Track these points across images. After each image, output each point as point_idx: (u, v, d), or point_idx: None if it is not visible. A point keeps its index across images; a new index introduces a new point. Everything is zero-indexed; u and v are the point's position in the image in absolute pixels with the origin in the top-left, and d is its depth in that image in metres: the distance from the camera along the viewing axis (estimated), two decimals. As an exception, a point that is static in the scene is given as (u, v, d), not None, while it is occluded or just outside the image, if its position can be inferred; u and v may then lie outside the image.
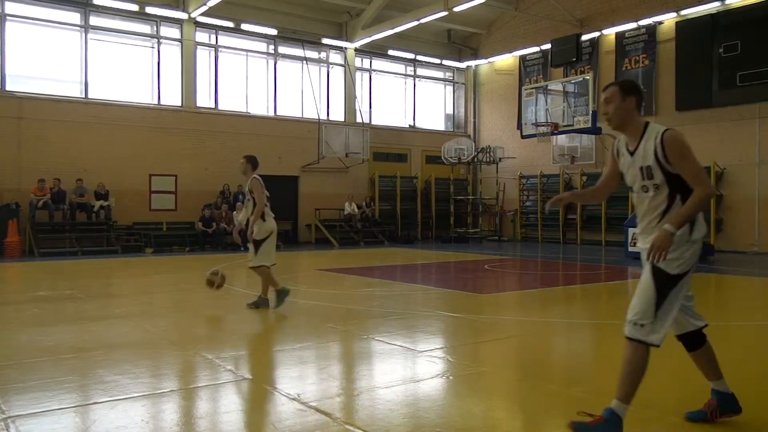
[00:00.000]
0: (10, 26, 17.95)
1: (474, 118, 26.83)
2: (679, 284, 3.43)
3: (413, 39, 24.62)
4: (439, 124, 27.09)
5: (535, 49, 23.56)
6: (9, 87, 17.87)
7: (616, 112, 3.63)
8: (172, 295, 10.02)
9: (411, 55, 25.44)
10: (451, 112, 27.41)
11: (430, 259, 16.50)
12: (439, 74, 27.00)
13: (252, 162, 8.13)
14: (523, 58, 24.30)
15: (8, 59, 17.90)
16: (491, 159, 23.36)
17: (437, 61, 26.26)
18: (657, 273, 3.43)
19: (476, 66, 26.64)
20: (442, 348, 6.22)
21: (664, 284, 3.41)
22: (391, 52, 24.77)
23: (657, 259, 3.34)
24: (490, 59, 25.73)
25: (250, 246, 7.99)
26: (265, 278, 8.00)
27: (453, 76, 27.20)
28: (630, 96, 3.61)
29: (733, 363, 4.33)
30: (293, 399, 4.27)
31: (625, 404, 3.41)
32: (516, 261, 16.02)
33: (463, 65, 26.78)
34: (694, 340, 3.68)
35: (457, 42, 26.32)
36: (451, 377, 4.98)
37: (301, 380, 4.91)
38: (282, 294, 7.92)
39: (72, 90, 18.89)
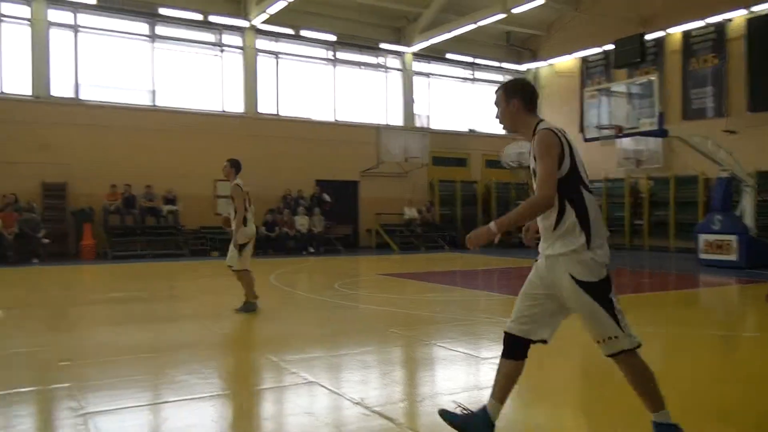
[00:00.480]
0: (82, 37, 18.79)
1: (535, 121, 26.39)
2: (611, 284, 3.23)
3: (471, 42, 24.46)
4: (499, 128, 26.64)
5: (597, 50, 23.03)
6: (82, 96, 18.70)
7: (504, 115, 3.53)
8: (237, 297, 10.22)
9: (469, 59, 25.29)
10: (511, 116, 27.03)
11: (491, 264, 16.33)
12: (499, 77, 26.69)
13: (236, 166, 8.15)
14: (584, 60, 23.80)
15: (81, 69, 18.74)
16: (553, 163, 22.91)
17: (496, 63, 26.01)
18: (588, 288, 3.20)
19: (536, 68, 26.25)
20: (505, 355, 6.12)
21: (600, 292, 3.21)
22: (449, 56, 24.68)
23: (470, 247, 3.21)
24: (550, 61, 25.31)
25: (231, 248, 7.99)
26: (245, 282, 8.02)
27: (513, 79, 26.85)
28: (514, 98, 3.47)
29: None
30: (357, 403, 4.30)
31: (661, 411, 3.27)
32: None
33: (522, 68, 26.43)
34: (517, 348, 3.46)
35: (516, 44, 26.01)
36: (516, 385, 4.90)
37: (365, 385, 4.93)
38: (250, 306, 7.96)
39: (141, 98, 19.61)
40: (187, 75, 20.35)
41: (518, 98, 3.46)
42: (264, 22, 20.59)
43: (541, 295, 3.39)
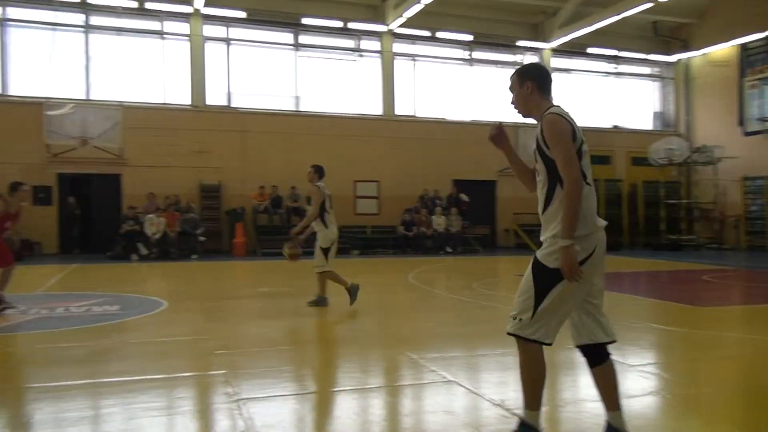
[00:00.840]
0: (233, 50, 20.15)
1: (686, 115, 24.71)
2: (559, 280, 3.10)
3: (615, 34, 23.30)
4: (645, 123, 25.35)
5: (759, 35, 21.05)
6: (234, 104, 20.03)
7: (517, 100, 3.41)
8: (377, 295, 10.47)
9: (613, 52, 24.12)
10: (659, 110, 25.50)
11: (638, 267, 15.48)
12: (645, 70, 25.27)
13: (319, 172, 8.46)
14: (743, 47, 21.86)
15: (233, 79, 20.08)
16: (708, 159, 21.31)
17: (642, 56, 24.60)
18: (536, 266, 3.20)
19: (687, 59, 24.51)
20: (655, 363, 5.80)
21: (545, 278, 3.15)
22: (590, 50, 23.70)
23: (574, 279, 3.09)
24: (704, 50, 23.50)
25: (317, 251, 8.32)
26: (333, 279, 8.30)
27: (660, 71, 25.29)
28: (527, 81, 3.35)
29: None
30: (497, 405, 4.25)
31: (532, 410, 3.24)
32: (741, 272, 14.37)
33: (672, 58, 24.78)
34: (593, 354, 3.36)
35: (665, 34, 24.42)
36: (667, 395, 4.62)
37: (504, 386, 4.86)
38: (353, 290, 8.28)
39: (286, 104, 20.68)
40: (328, 80, 21.15)
41: (532, 81, 3.35)
42: (401, 26, 20.93)
43: None
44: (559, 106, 3.29)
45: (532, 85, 3.35)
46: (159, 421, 3.98)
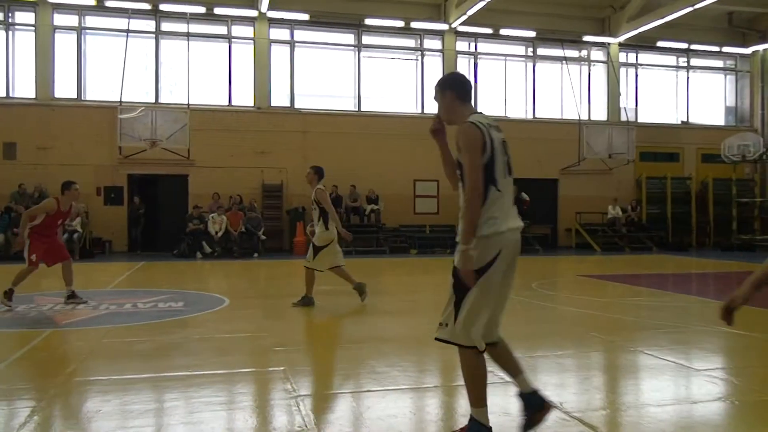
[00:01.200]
0: (297, 51, 20.47)
1: (762, 110, 23.59)
2: (481, 281, 3.23)
3: (686, 27, 22.45)
4: (717, 118, 24.34)
5: None
6: (296, 105, 20.35)
7: (441, 109, 3.60)
8: (434, 295, 10.44)
9: (683, 45, 23.26)
10: (733, 105, 24.44)
11: (707, 268, 14.90)
12: (718, 63, 24.27)
13: (318, 173, 8.40)
14: (827, 37, 20.73)
15: (297, 81, 20.41)
16: (785, 155, 20.33)
17: (715, 48, 23.63)
18: (454, 272, 3.32)
19: (764, 50, 23.39)
20: (723, 368, 5.56)
21: (460, 284, 3.28)
22: (660, 44, 22.92)
23: (469, 285, 3.23)
24: (784, 41, 22.41)
25: (310, 249, 8.42)
26: (309, 280, 8.38)
27: (735, 64, 24.24)
28: (447, 90, 3.55)
29: None
30: (555, 407, 4.17)
31: (478, 407, 3.38)
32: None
33: (747, 50, 23.71)
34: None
35: (741, 25, 23.38)
36: (736, 402, 4.43)
37: (563, 389, 4.77)
38: (361, 287, 8.44)
39: (347, 104, 20.86)
40: (389, 80, 21.22)
41: (452, 90, 3.57)
42: (463, 24, 20.79)
43: None
44: (480, 113, 3.48)
45: (451, 95, 3.55)
46: (220, 415, 4.08)
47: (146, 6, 18.94)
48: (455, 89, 3.57)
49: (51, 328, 7.02)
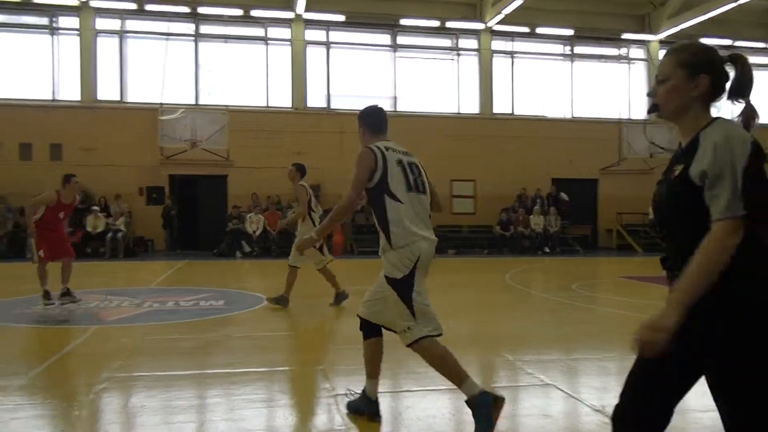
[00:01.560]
0: (333, 52, 20.59)
1: (811, 106, 22.88)
2: (413, 284, 3.63)
3: (731, 22, 21.89)
4: (763, 116, 23.64)
5: None
6: (333, 106, 20.46)
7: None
8: (473, 295, 10.39)
9: (728, 41, 22.66)
10: (781, 102, 23.75)
11: None
12: (764, 59, 23.59)
13: (301, 170, 8.42)
14: None
15: (333, 81, 20.53)
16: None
17: (761, 44, 22.99)
18: (390, 282, 3.66)
19: (814, 45, 22.69)
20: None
21: (401, 287, 3.63)
22: (703, 41, 22.35)
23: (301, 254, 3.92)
24: (834, 35, 21.69)
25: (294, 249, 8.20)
26: (290, 279, 8.30)
27: (783, 60, 23.56)
28: (360, 123, 4.13)
29: None
30: (598, 411, 4.11)
31: (465, 382, 3.63)
32: None
33: (796, 46, 23.03)
34: (372, 328, 3.89)
35: (789, 20, 22.74)
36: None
37: (605, 392, 4.68)
38: (283, 301, 8.19)
39: (383, 105, 20.68)
40: (425, 80, 21.18)
41: (363, 124, 4.11)
42: (499, 23, 20.63)
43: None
44: (387, 141, 3.98)
45: (364, 130, 4.10)
46: (260, 412, 4.13)
47: (185, 9, 19.28)
48: (367, 124, 4.12)
49: (97, 324, 7.19)
